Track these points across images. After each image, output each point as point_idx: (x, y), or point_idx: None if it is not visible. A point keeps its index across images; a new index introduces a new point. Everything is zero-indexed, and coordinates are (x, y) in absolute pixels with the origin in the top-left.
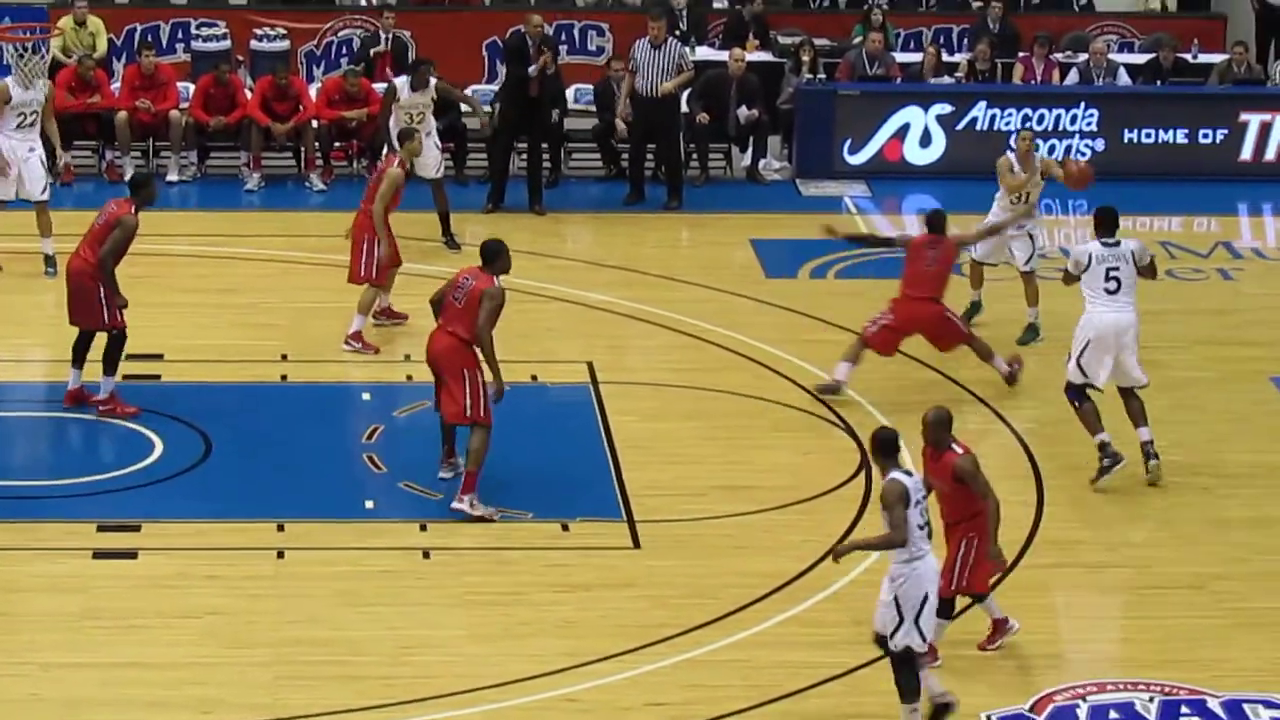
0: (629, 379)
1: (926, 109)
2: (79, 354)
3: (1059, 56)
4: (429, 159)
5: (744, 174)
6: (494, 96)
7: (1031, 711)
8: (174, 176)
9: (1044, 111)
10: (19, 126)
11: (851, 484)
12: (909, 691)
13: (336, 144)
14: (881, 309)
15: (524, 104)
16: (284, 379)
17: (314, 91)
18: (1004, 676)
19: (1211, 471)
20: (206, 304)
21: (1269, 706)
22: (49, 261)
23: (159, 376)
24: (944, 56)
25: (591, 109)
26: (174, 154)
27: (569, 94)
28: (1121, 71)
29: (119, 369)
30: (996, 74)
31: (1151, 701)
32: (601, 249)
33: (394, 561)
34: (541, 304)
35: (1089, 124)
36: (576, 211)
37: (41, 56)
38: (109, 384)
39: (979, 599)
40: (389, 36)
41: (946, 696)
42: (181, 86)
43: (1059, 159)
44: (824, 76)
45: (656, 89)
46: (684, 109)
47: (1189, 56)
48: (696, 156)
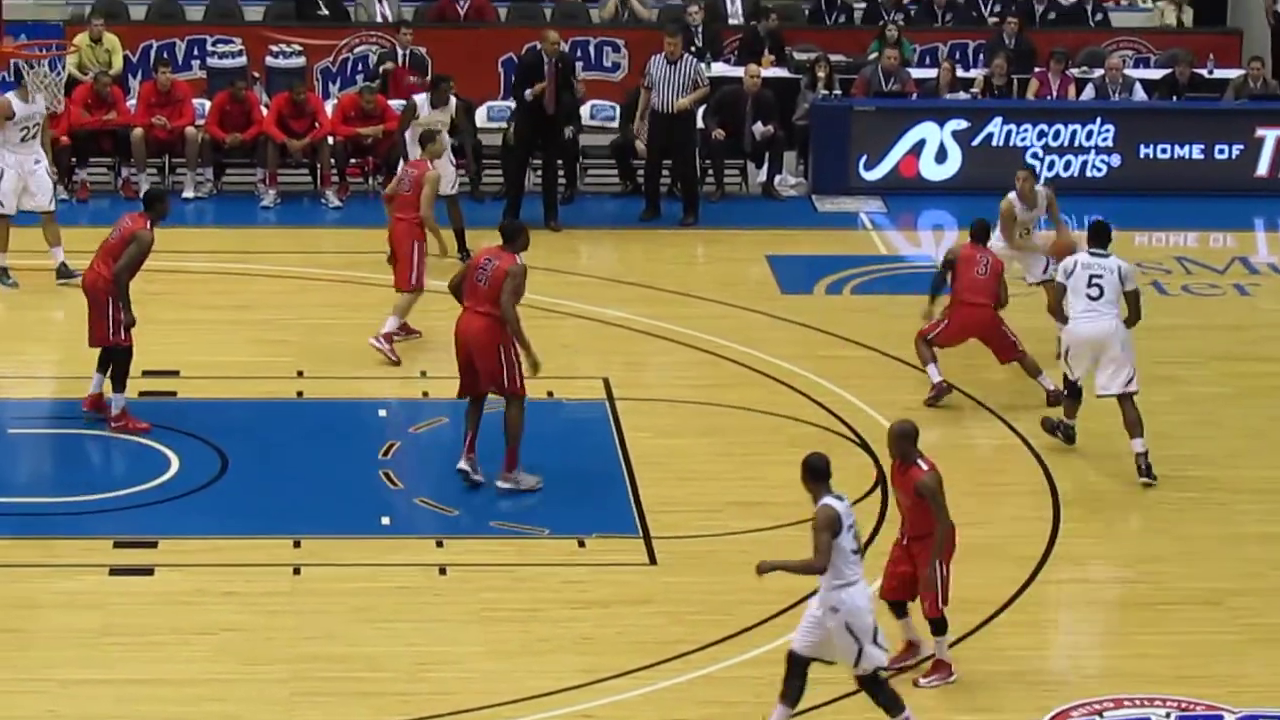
0: (645, 395)
1: (942, 125)
2: (104, 363)
3: (1075, 72)
4: (445, 175)
5: (760, 190)
6: (510, 113)
7: None
8: (190, 193)
9: (1060, 127)
10: (23, 140)
11: (867, 500)
12: (893, 706)
13: (352, 161)
14: (938, 318)
15: (539, 120)
16: (300, 395)
17: (330, 108)
18: (1020, 692)
19: (1228, 486)
20: (222, 320)
21: None
22: (64, 269)
23: (175, 393)
24: (960, 72)
25: (607, 125)
26: (190, 171)
27: (585, 110)
28: (1137, 87)
29: (127, 385)
30: (1012, 89)
31: (1168, 717)
32: (617, 265)
33: (411, 577)
34: (557, 320)
35: (1105, 139)
36: (592, 227)
37: (57, 74)
38: (119, 400)
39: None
40: (406, 53)
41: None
42: (197, 103)
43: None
44: (839, 92)
45: (672, 105)
46: (700, 125)
47: (1205, 72)
48: (712, 172)
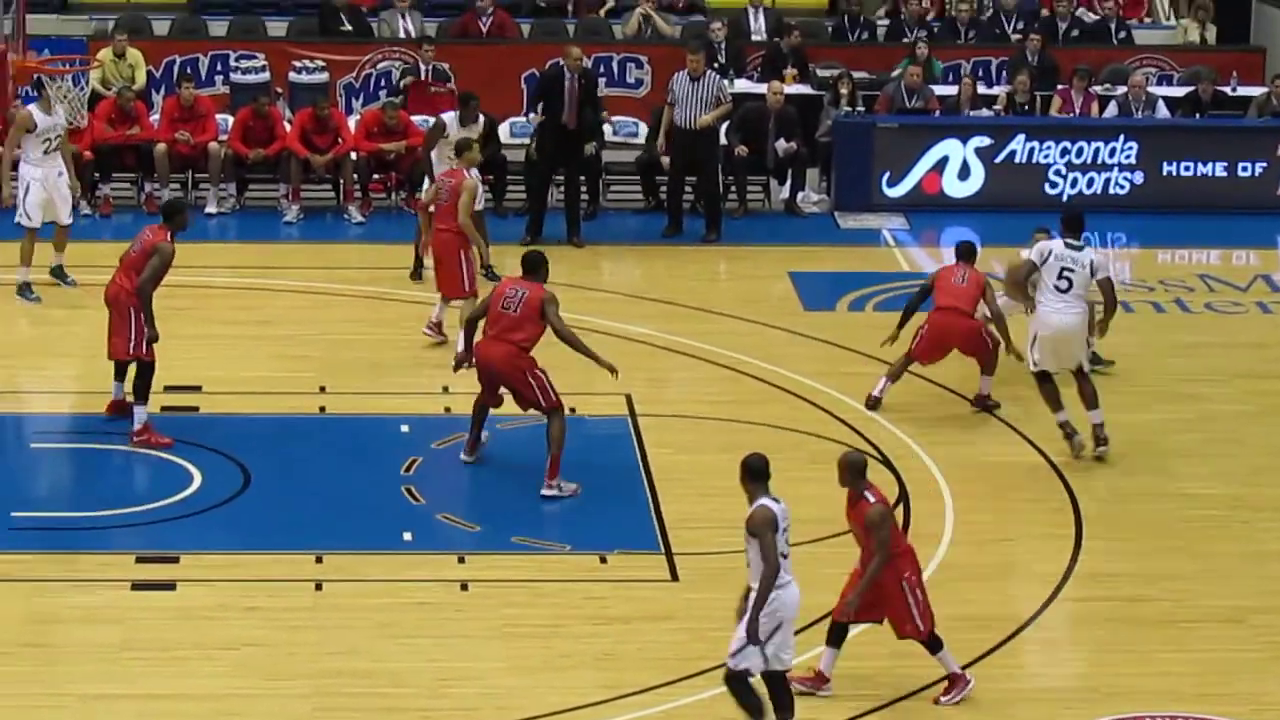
0: (667, 411)
1: (965, 142)
2: (122, 368)
3: (1098, 89)
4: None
5: (782, 206)
6: (533, 129)
7: None
8: (212, 208)
9: (1083, 144)
10: (45, 152)
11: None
12: (752, 709)
13: (375, 176)
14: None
15: (560, 136)
16: (322, 410)
17: (353, 124)
18: (1042, 710)
19: (1250, 505)
20: (245, 335)
21: None
22: (61, 271)
23: (197, 408)
24: (983, 89)
25: (630, 141)
26: (213, 186)
27: (608, 126)
28: (1160, 104)
29: (150, 398)
30: (1035, 107)
31: None
32: (640, 281)
33: (432, 593)
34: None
35: (1128, 157)
36: (615, 244)
37: (81, 89)
38: (141, 415)
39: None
40: (428, 69)
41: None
42: (220, 118)
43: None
44: (862, 109)
45: (695, 122)
46: (723, 141)
47: (1228, 89)
48: (735, 189)
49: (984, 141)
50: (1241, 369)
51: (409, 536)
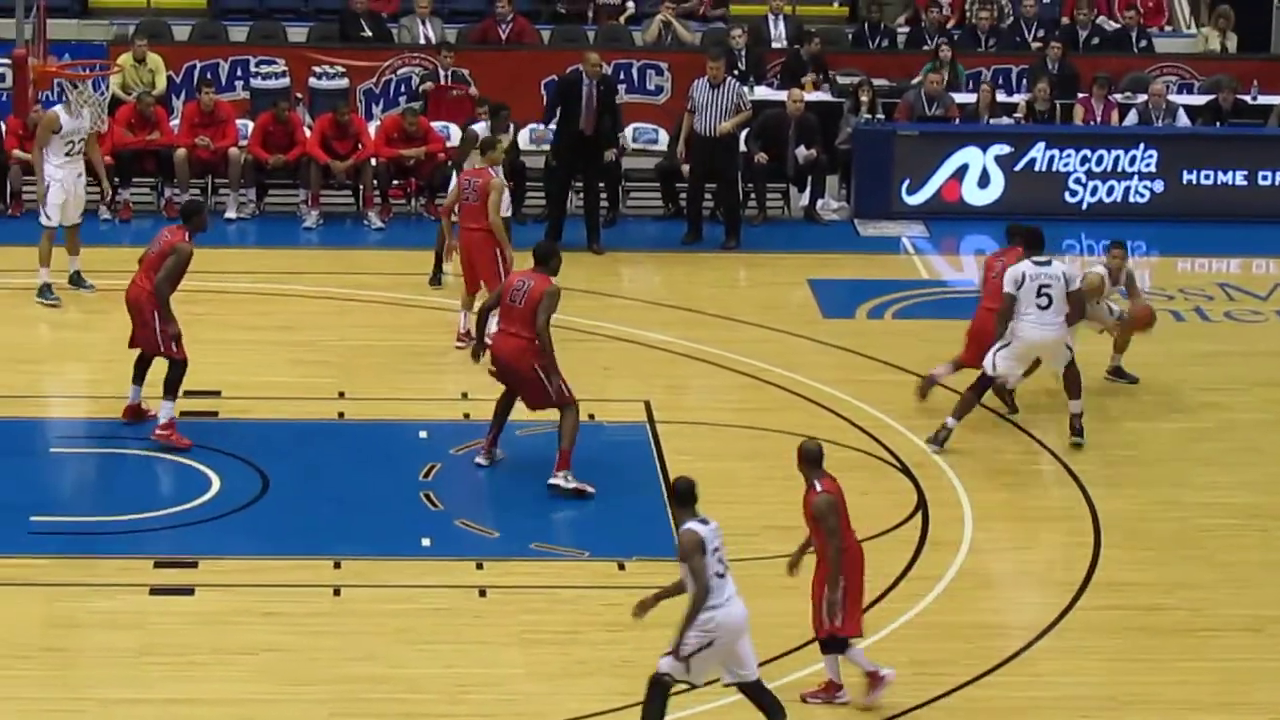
0: (686, 418)
1: (985, 149)
2: (139, 372)
3: (1118, 97)
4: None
5: (802, 214)
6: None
7: None
8: (232, 214)
9: (1103, 153)
10: (68, 154)
11: (908, 525)
12: (650, 716)
13: (395, 182)
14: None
15: (577, 142)
16: (341, 416)
17: (373, 130)
18: (1061, 719)
19: (1269, 513)
20: (264, 341)
21: None
22: (79, 277)
23: (216, 413)
24: (1003, 97)
25: (650, 148)
26: (233, 191)
27: (627, 132)
28: (1181, 113)
29: (178, 394)
30: (1055, 115)
31: None
32: (659, 288)
33: (451, 599)
34: (599, 343)
35: (1148, 165)
36: (634, 250)
37: (101, 94)
38: (168, 409)
39: (840, 646)
40: (447, 75)
41: None
42: (240, 124)
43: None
44: (882, 117)
45: (715, 129)
46: (742, 149)
47: (1249, 98)
48: (755, 196)
49: (1004, 149)
50: (1261, 378)
51: (427, 542)
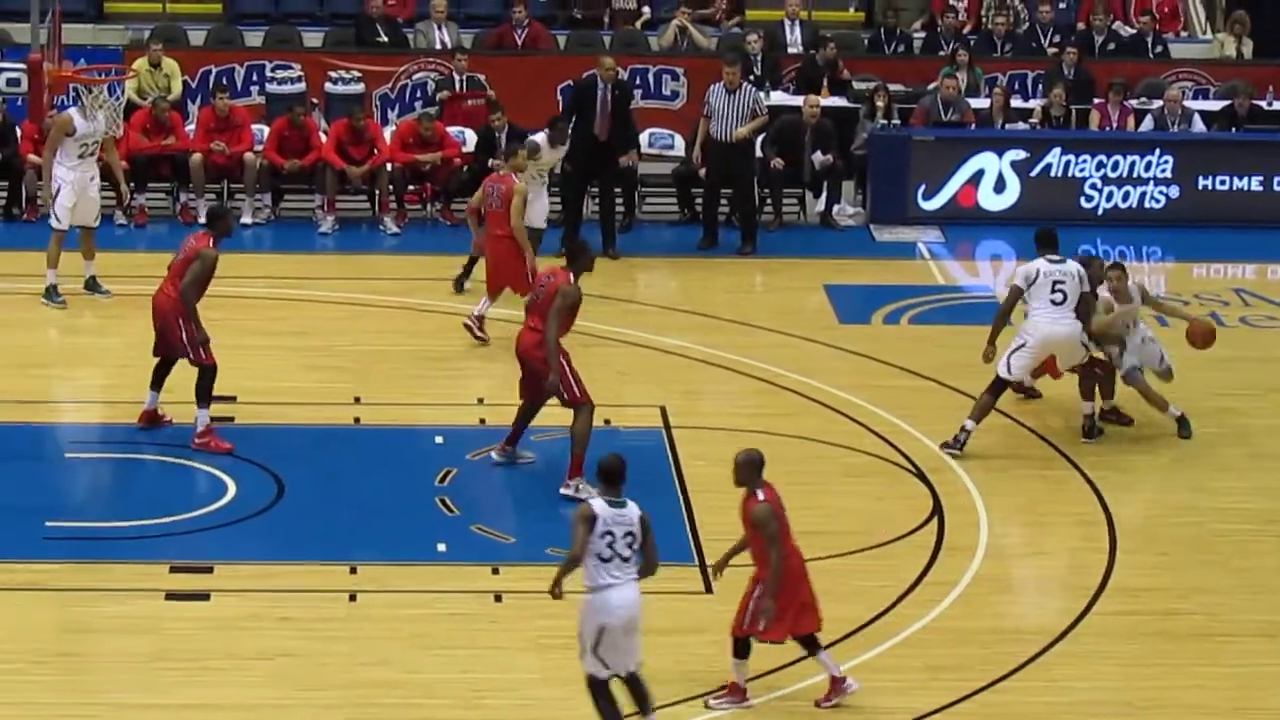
0: (702, 424)
1: (1001, 155)
2: (158, 377)
3: (1134, 103)
4: (541, 208)
5: (818, 219)
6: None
7: None
8: (248, 219)
9: (1119, 158)
10: (81, 157)
11: (924, 530)
12: (603, 715)
13: (410, 187)
14: None
15: (591, 147)
16: (357, 421)
17: (388, 135)
18: None
19: None
20: (280, 346)
21: None
22: (95, 282)
23: (232, 418)
24: (1019, 102)
25: (666, 153)
26: (248, 196)
27: (644, 138)
28: (1196, 118)
29: (211, 401)
30: (1071, 120)
31: None
32: (675, 294)
33: (466, 604)
34: (614, 348)
35: (1163, 170)
36: (650, 256)
37: (116, 99)
38: (204, 417)
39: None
40: (462, 79)
41: None
42: (256, 129)
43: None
44: (898, 122)
45: (731, 134)
46: (758, 154)
47: (1264, 103)
48: (770, 201)
49: (1020, 155)
50: (1277, 383)
51: (443, 548)
